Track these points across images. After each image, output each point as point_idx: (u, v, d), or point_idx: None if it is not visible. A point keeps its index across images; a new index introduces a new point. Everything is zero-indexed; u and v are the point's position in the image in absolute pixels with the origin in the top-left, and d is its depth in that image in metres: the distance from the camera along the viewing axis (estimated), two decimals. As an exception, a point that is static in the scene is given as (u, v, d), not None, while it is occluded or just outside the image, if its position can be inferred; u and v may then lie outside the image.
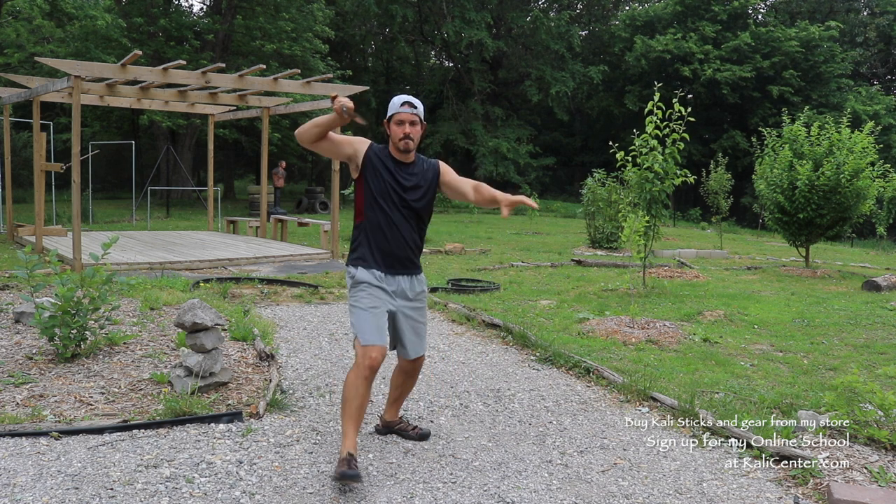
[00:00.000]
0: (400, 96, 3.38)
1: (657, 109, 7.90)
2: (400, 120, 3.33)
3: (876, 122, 11.80)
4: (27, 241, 11.42)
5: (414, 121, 3.34)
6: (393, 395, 3.72)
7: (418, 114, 3.35)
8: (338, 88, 11.25)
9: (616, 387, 4.56)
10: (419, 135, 3.38)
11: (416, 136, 3.36)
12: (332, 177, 11.22)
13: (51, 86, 10.16)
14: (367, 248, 3.38)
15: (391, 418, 3.74)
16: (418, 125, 3.36)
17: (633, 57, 31.54)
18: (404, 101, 3.35)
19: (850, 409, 3.80)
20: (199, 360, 4.09)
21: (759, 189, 11.43)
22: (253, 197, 21.26)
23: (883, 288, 9.06)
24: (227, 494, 2.98)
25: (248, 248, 11.21)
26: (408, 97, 3.37)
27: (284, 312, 6.84)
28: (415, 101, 3.36)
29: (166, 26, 22.67)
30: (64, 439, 3.44)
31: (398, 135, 3.33)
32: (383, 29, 34.83)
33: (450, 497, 3.05)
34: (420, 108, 3.37)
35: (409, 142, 3.34)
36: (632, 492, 3.16)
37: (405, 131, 3.32)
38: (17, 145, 23.09)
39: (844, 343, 6.00)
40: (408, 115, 3.33)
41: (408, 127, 3.33)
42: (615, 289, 8.51)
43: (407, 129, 3.33)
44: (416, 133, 3.35)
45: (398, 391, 3.70)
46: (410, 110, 3.33)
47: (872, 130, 10.70)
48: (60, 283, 4.48)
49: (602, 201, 13.93)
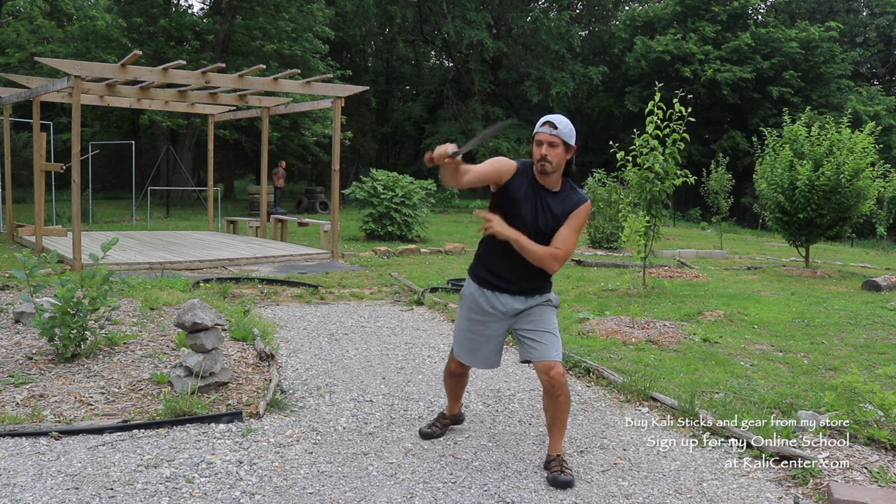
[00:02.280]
0: (547, 116, 3.20)
1: (658, 109, 7.90)
2: (539, 141, 3.17)
3: (876, 123, 11.80)
4: (27, 241, 11.42)
5: (553, 142, 3.14)
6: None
7: (559, 135, 3.13)
8: (338, 88, 11.25)
9: (616, 387, 4.56)
10: (560, 157, 3.16)
11: (556, 159, 3.15)
12: (333, 177, 11.22)
13: (51, 86, 10.16)
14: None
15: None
16: (560, 147, 3.15)
17: (633, 57, 31.54)
18: (546, 120, 3.18)
19: (850, 409, 3.80)
20: (199, 360, 4.09)
21: (759, 189, 11.43)
22: (253, 197, 21.26)
23: (883, 288, 9.06)
24: (227, 494, 2.98)
25: (248, 248, 11.21)
26: (552, 117, 3.18)
27: (284, 312, 6.84)
28: (558, 120, 3.16)
29: (166, 26, 22.67)
30: (64, 439, 3.44)
31: (536, 156, 3.17)
32: (383, 29, 34.84)
33: (450, 497, 3.05)
34: (563, 128, 3.14)
35: (547, 164, 3.15)
36: (632, 492, 3.16)
37: (542, 153, 3.15)
38: (17, 145, 23.11)
39: (844, 343, 6.00)
40: (546, 136, 3.14)
41: (545, 148, 3.14)
42: (615, 289, 8.51)
43: (544, 150, 3.14)
44: (554, 155, 3.14)
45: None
46: (549, 130, 3.14)
47: (873, 131, 10.70)
48: (60, 284, 4.48)
49: (602, 201, 13.94)
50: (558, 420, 3.30)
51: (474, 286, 3.40)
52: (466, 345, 3.45)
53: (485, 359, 3.46)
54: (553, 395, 3.24)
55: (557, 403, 3.25)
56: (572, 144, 3.19)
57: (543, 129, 3.16)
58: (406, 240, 14.09)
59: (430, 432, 3.67)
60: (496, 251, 3.30)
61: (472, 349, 3.44)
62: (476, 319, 3.39)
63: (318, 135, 23.88)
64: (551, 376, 3.21)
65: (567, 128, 3.16)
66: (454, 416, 3.79)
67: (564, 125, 3.16)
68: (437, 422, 3.74)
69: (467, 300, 3.43)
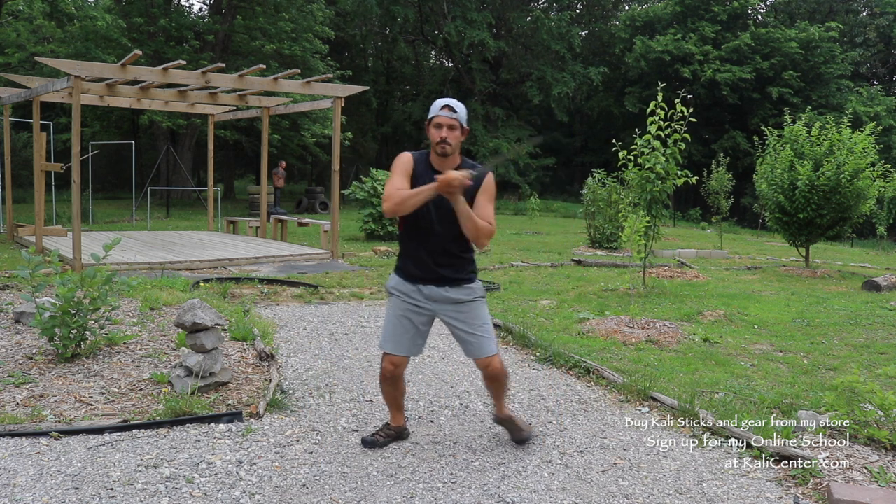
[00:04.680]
0: (442, 99, 3.31)
1: (659, 110, 7.90)
2: (438, 123, 3.25)
3: (877, 123, 11.81)
4: (27, 241, 11.42)
5: (452, 125, 3.25)
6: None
7: (457, 118, 3.24)
8: (338, 88, 11.25)
9: (616, 387, 4.56)
10: (458, 140, 3.27)
11: (455, 141, 3.25)
12: (333, 177, 11.22)
13: (51, 86, 10.16)
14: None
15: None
16: (458, 129, 3.26)
17: (633, 58, 31.56)
18: (444, 104, 3.26)
19: (850, 409, 3.80)
20: (199, 360, 4.09)
21: (759, 189, 11.43)
22: (253, 197, 21.26)
23: (883, 288, 9.06)
24: (227, 494, 2.98)
25: (248, 248, 11.21)
26: (449, 100, 3.28)
27: (284, 312, 6.84)
28: (456, 104, 3.26)
29: (166, 26, 22.67)
30: (64, 439, 3.44)
31: (435, 138, 3.25)
32: (384, 29, 34.84)
33: (450, 497, 3.05)
34: (461, 111, 3.26)
35: (447, 146, 3.24)
36: (632, 492, 3.16)
37: (442, 135, 3.23)
38: (17, 145, 23.11)
39: (844, 343, 6.00)
40: (446, 119, 3.24)
41: (445, 131, 3.23)
42: (615, 289, 8.51)
43: (444, 132, 3.23)
44: (453, 137, 3.25)
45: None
46: (449, 114, 3.23)
47: (873, 131, 10.71)
48: (61, 284, 4.48)
49: (602, 201, 13.94)
50: (500, 391, 3.63)
51: (398, 279, 3.46)
52: (392, 334, 3.46)
53: (409, 346, 3.47)
54: (493, 378, 3.53)
55: (497, 382, 3.57)
56: (467, 127, 3.32)
57: (443, 112, 3.24)
58: (406, 240, 14.07)
59: (373, 440, 3.56)
60: (416, 242, 3.37)
61: (397, 338, 3.45)
62: (404, 310, 3.42)
63: (318, 135, 23.88)
64: (490, 371, 3.48)
65: (463, 111, 3.28)
66: (398, 428, 3.66)
67: (461, 109, 3.27)
68: (382, 431, 3.63)
69: (394, 294, 3.47)
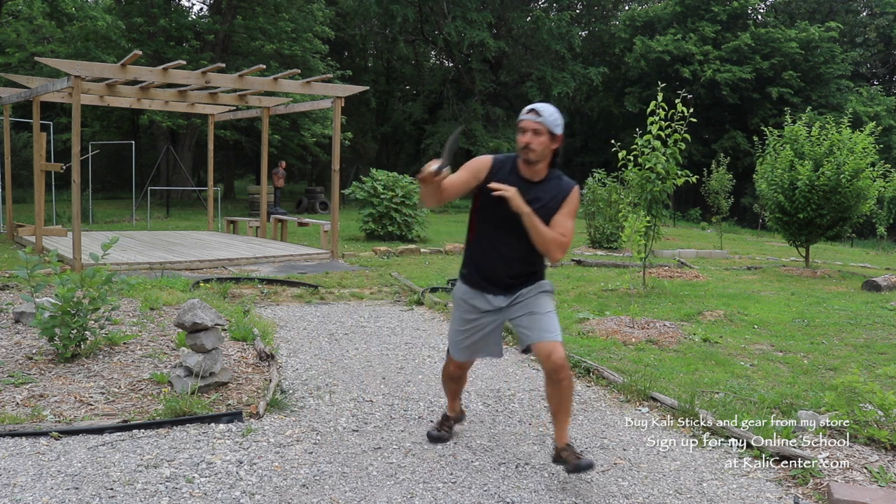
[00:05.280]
0: (533, 104, 3.12)
1: (660, 110, 7.90)
2: (522, 128, 3.05)
3: (877, 124, 11.81)
4: (27, 241, 11.42)
5: (538, 129, 3.03)
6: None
7: (544, 122, 3.02)
8: (338, 88, 11.25)
9: (616, 387, 4.56)
10: (545, 146, 3.05)
11: (540, 147, 3.04)
12: (333, 177, 11.22)
13: (51, 86, 10.16)
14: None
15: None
16: (544, 135, 3.03)
17: (633, 58, 31.55)
18: (530, 108, 3.06)
19: (850, 409, 3.80)
20: (199, 360, 4.09)
21: (759, 189, 11.43)
22: (253, 197, 21.26)
23: (883, 288, 9.06)
24: (227, 494, 2.98)
25: (248, 248, 11.21)
26: (537, 105, 3.07)
27: (284, 312, 6.84)
28: (543, 107, 3.04)
29: (166, 26, 22.67)
30: (64, 439, 3.44)
31: (519, 144, 3.06)
32: (384, 29, 34.82)
33: (450, 497, 3.05)
34: (548, 115, 3.03)
35: (531, 152, 3.04)
36: (632, 492, 3.16)
37: (525, 140, 3.03)
38: (17, 145, 23.12)
39: (844, 343, 6.00)
40: (530, 123, 3.03)
41: (529, 136, 3.03)
42: (615, 289, 8.51)
43: (528, 137, 3.03)
44: (538, 143, 3.03)
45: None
46: (533, 118, 3.02)
47: (873, 131, 10.71)
48: (60, 284, 4.48)
49: (602, 201, 13.94)
50: (564, 406, 3.14)
51: (466, 288, 3.32)
52: (465, 344, 3.38)
53: (488, 352, 3.41)
54: (556, 380, 3.09)
55: (561, 388, 3.10)
56: (558, 133, 3.07)
57: (528, 115, 3.05)
58: (406, 240, 14.10)
59: (439, 436, 3.63)
60: (487, 251, 3.22)
61: (472, 347, 3.39)
62: (471, 319, 3.32)
63: (318, 135, 23.88)
64: (553, 360, 3.06)
65: (552, 116, 3.04)
66: (457, 414, 3.77)
67: (549, 113, 3.04)
68: (444, 424, 3.69)
69: (460, 303, 3.36)
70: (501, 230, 3.16)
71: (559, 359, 3.06)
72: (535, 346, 3.14)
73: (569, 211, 3.14)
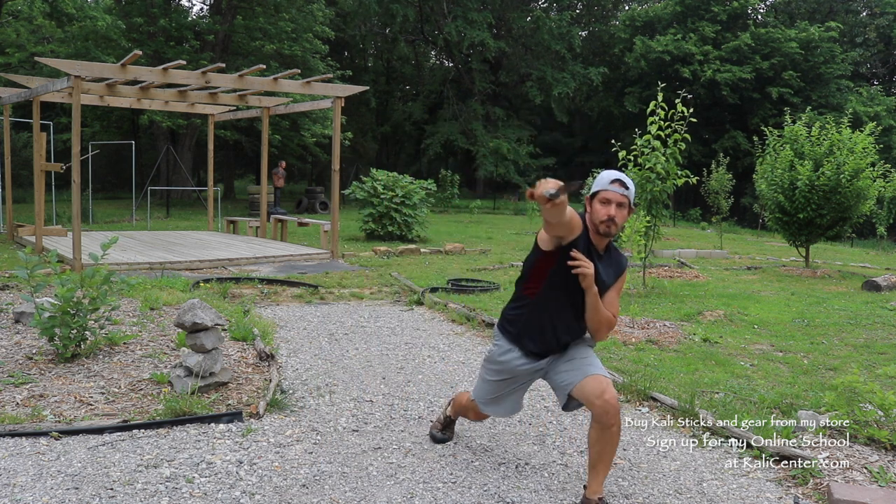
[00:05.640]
0: (610, 172, 2.92)
1: (660, 110, 7.90)
2: (606, 199, 2.85)
3: (877, 124, 11.82)
4: (27, 241, 11.42)
5: (622, 202, 2.85)
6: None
7: (629, 195, 2.85)
8: (338, 88, 11.25)
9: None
10: (625, 220, 2.90)
11: (622, 221, 2.88)
12: (333, 177, 11.22)
13: (51, 86, 10.16)
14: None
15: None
16: (626, 208, 2.87)
17: (633, 58, 31.57)
18: (615, 178, 2.86)
19: (850, 409, 3.80)
20: (199, 360, 4.09)
21: (759, 189, 11.44)
22: (253, 197, 21.26)
23: (883, 288, 9.06)
24: (227, 494, 2.98)
25: (248, 248, 11.21)
26: (619, 175, 2.88)
27: (284, 312, 6.84)
28: (628, 180, 2.87)
29: (166, 26, 22.68)
30: (64, 439, 3.44)
31: (601, 216, 2.85)
32: (384, 29, 34.85)
33: (450, 497, 3.05)
34: (632, 188, 2.88)
35: (613, 226, 2.86)
36: (632, 492, 3.16)
37: (610, 213, 2.83)
38: (17, 145, 23.12)
39: (844, 343, 6.00)
40: (616, 196, 2.84)
41: (614, 209, 2.84)
42: (615, 289, 8.50)
43: (612, 210, 2.84)
44: (621, 217, 2.86)
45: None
46: (621, 190, 2.84)
47: (873, 131, 10.71)
48: (60, 284, 4.48)
49: (602, 201, 13.92)
50: (606, 457, 2.89)
51: (514, 355, 3.08)
52: (493, 398, 3.23)
53: (511, 408, 3.27)
54: (606, 425, 2.83)
55: (610, 435, 2.85)
56: (633, 206, 2.97)
57: (613, 187, 2.85)
58: (406, 240, 14.09)
59: (442, 437, 3.64)
60: (543, 319, 3.01)
61: (499, 402, 3.24)
62: (509, 380, 3.16)
63: (318, 135, 23.89)
64: (606, 400, 2.81)
65: (633, 188, 2.92)
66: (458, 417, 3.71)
67: (632, 184, 2.91)
68: (447, 427, 3.66)
69: (502, 365, 3.12)
70: (563, 299, 2.98)
71: (612, 399, 2.83)
72: (582, 385, 2.91)
73: (619, 288, 3.04)
